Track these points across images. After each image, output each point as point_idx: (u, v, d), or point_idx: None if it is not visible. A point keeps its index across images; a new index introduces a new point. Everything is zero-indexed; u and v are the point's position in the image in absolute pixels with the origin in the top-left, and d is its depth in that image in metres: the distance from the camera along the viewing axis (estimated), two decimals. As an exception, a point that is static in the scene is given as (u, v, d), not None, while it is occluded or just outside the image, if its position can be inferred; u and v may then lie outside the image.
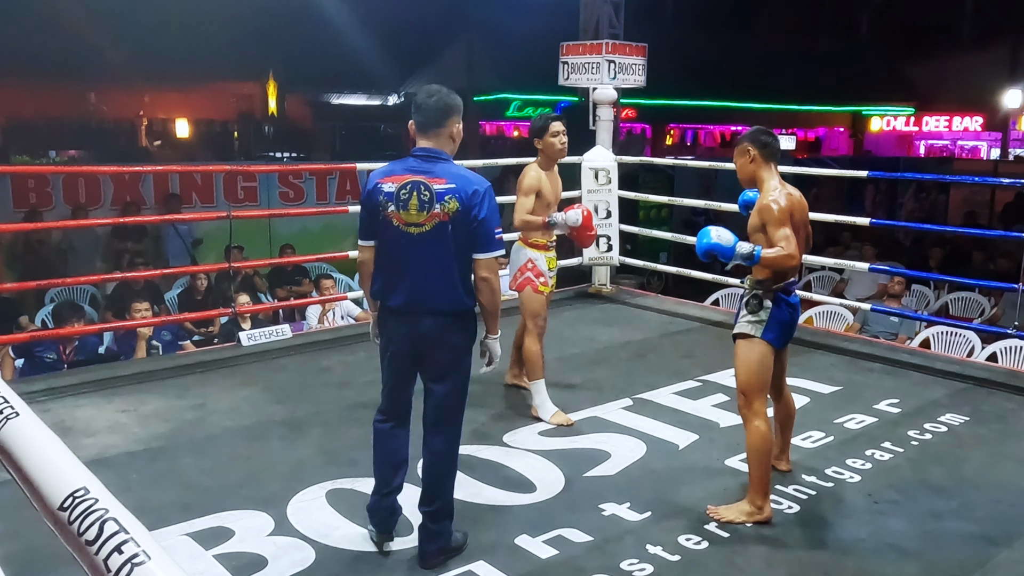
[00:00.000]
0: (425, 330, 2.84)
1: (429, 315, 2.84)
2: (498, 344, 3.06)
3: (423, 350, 2.88)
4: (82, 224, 7.76)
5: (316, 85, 21.14)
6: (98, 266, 8.54)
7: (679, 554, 2.97)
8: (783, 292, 3.26)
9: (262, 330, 5.52)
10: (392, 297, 2.87)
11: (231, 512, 3.22)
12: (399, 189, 2.80)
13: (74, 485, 0.98)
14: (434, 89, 2.90)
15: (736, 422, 4.23)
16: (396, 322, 2.89)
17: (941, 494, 3.46)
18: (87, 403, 4.41)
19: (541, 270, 4.36)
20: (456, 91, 2.96)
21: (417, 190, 2.78)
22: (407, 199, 2.79)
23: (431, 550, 2.91)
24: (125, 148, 18.25)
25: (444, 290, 2.83)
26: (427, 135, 2.88)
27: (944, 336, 6.07)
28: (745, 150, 3.36)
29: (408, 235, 2.80)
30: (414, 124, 2.90)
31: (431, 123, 2.86)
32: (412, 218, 2.79)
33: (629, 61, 6.87)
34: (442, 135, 2.87)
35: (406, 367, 2.94)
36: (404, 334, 2.88)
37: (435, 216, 2.78)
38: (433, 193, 2.78)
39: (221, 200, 9.62)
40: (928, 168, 16.00)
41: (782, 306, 3.27)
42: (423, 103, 2.86)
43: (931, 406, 4.48)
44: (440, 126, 2.86)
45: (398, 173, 2.84)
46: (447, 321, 2.85)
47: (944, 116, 24.42)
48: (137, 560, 0.86)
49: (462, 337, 2.90)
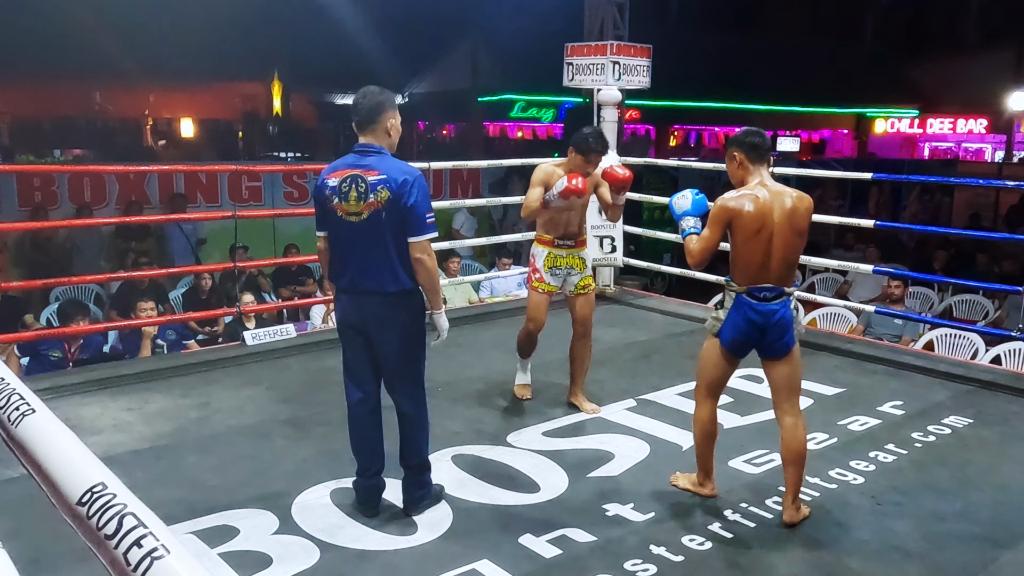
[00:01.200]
0: (370, 309, 3.14)
1: (373, 295, 3.13)
2: (443, 317, 3.29)
3: (371, 326, 3.15)
4: (87, 223, 7.79)
5: (320, 85, 21.18)
6: (102, 265, 8.56)
7: (682, 554, 2.98)
8: (747, 296, 3.12)
9: (266, 329, 5.54)
10: (341, 279, 3.19)
11: (236, 511, 3.23)
12: (340, 183, 3.10)
13: (92, 480, 0.99)
14: (368, 90, 3.17)
15: (739, 423, 4.25)
16: (346, 301, 3.20)
17: (944, 496, 3.47)
18: (92, 401, 4.42)
19: (537, 266, 4.33)
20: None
21: (355, 183, 3.07)
22: (347, 191, 3.08)
23: (414, 498, 3.26)
24: (130, 147, 18.29)
25: (384, 272, 3.09)
26: (364, 132, 3.15)
27: (948, 338, 6.07)
28: (732, 155, 3.26)
29: (350, 223, 3.09)
30: (354, 125, 3.18)
31: (365, 121, 3.13)
32: (352, 208, 3.07)
33: (634, 62, 6.88)
34: (377, 131, 3.14)
35: (359, 342, 3.20)
36: (352, 312, 3.18)
37: (370, 205, 3.05)
38: (368, 184, 3.05)
39: (226, 200, 9.64)
40: (932, 170, 15.99)
41: (743, 310, 3.13)
42: (357, 103, 3.15)
43: (935, 408, 4.48)
44: (374, 122, 3.13)
45: (340, 168, 3.14)
46: (390, 300, 3.12)
47: (948, 118, 24.38)
48: (157, 554, 0.87)
49: (406, 313, 3.16)
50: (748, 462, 3.77)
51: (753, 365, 5.11)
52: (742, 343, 3.21)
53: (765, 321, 3.12)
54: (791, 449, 3.21)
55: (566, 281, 4.36)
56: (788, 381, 3.24)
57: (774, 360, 3.22)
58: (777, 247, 3.10)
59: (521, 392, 4.53)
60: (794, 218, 3.13)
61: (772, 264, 3.10)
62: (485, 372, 5.01)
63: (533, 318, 4.37)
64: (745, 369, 5.04)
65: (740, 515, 3.27)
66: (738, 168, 3.23)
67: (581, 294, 4.37)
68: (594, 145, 4.15)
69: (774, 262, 3.11)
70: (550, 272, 4.32)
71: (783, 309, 3.14)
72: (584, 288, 4.37)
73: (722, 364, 3.28)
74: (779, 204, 3.11)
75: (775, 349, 3.19)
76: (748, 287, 3.13)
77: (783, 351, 3.19)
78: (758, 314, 3.12)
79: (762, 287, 3.12)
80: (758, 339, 3.18)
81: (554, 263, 4.32)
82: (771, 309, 3.12)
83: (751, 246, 3.10)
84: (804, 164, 14.36)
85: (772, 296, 3.13)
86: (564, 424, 4.20)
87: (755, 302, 3.12)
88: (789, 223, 3.11)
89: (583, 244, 4.37)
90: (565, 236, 4.30)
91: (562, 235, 4.30)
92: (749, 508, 3.32)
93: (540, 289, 4.34)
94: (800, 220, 3.15)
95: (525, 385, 4.56)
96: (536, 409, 4.38)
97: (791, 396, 3.25)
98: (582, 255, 4.37)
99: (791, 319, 3.18)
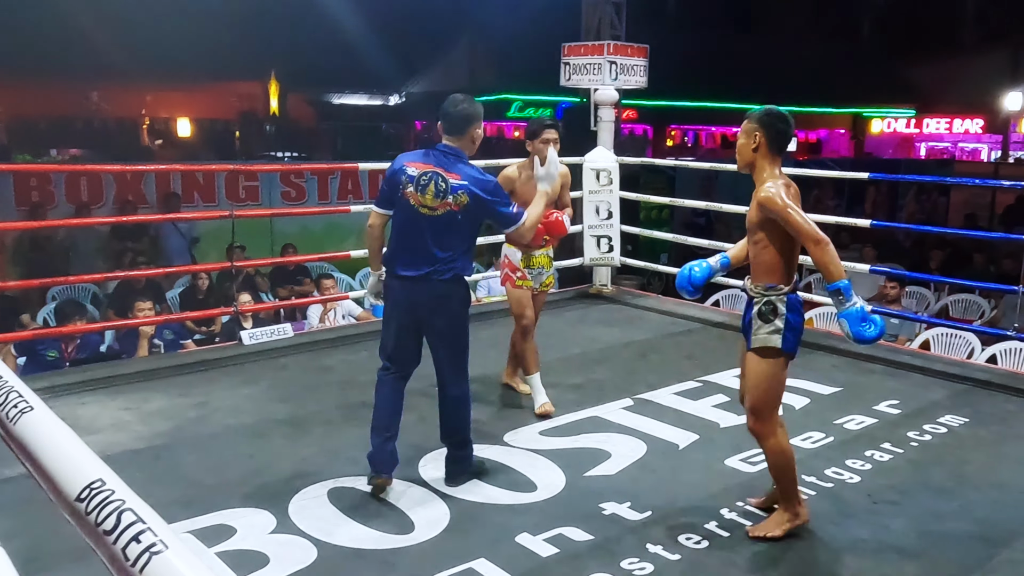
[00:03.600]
0: (425, 297, 3.32)
1: (430, 282, 3.30)
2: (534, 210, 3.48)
3: (423, 314, 3.35)
4: (85, 223, 7.78)
5: (318, 85, 21.19)
6: (99, 265, 8.56)
7: (679, 553, 2.98)
8: (793, 294, 2.99)
9: (264, 329, 5.54)
10: (397, 264, 3.36)
11: (233, 510, 3.23)
12: (421, 175, 3.30)
13: (91, 477, 0.99)
14: (459, 99, 3.40)
15: (737, 422, 4.25)
16: (400, 288, 3.36)
17: (941, 495, 3.48)
18: (90, 401, 4.42)
19: (515, 264, 4.38)
20: (458, 91, 3.24)
21: (435, 180, 3.29)
22: (426, 185, 3.28)
23: (455, 471, 3.49)
24: (127, 147, 18.28)
25: (443, 262, 3.29)
26: (451, 137, 3.37)
27: (944, 338, 6.09)
28: (752, 132, 3.00)
29: (421, 215, 3.29)
30: (441, 126, 3.39)
31: (455, 129, 3.36)
32: (427, 202, 3.28)
33: (631, 62, 6.89)
34: (464, 139, 3.38)
35: (409, 327, 3.39)
36: (406, 298, 3.35)
37: (447, 204, 3.27)
38: (448, 185, 3.28)
39: (223, 199, 9.63)
40: (929, 170, 16.02)
41: (798, 308, 2.99)
42: (449, 111, 3.36)
43: (931, 407, 4.49)
44: (462, 132, 3.37)
45: (422, 161, 3.34)
46: (444, 289, 3.32)
47: (945, 118, 24.46)
48: (155, 549, 0.87)
49: (457, 301, 3.39)
50: (745, 461, 3.77)
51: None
52: (799, 343, 3.06)
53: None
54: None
55: (535, 279, 4.48)
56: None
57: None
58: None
59: (547, 410, 4.29)
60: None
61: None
62: (482, 371, 5.00)
63: (522, 314, 4.39)
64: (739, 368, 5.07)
65: (737, 514, 3.27)
66: (753, 150, 3.00)
67: (543, 291, 4.56)
68: (543, 123, 4.31)
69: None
70: (527, 270, 4.42)
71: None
72: (547, 286, 4.57)
73: (785, 377, 3.08)
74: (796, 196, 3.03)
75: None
76: (794, 283, 3.02)
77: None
78: (802, 309, 3.04)
79: (797, 281, 3.06)
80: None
81: (528, 263, 4.42)
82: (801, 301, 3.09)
83: (796, 241, 2.97)
84: (801, 164, 14.37)
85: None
86: (561, 423, 4.21)
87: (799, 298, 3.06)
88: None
89: (551, 244, 4.48)
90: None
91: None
92: (746, 507, 3.32)
93: (523, 286, 4.40)
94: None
95: (548, 402, 4.33)
96: (533, 408, 4.38)
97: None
98: (549, 254, 4.54)
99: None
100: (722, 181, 9.81)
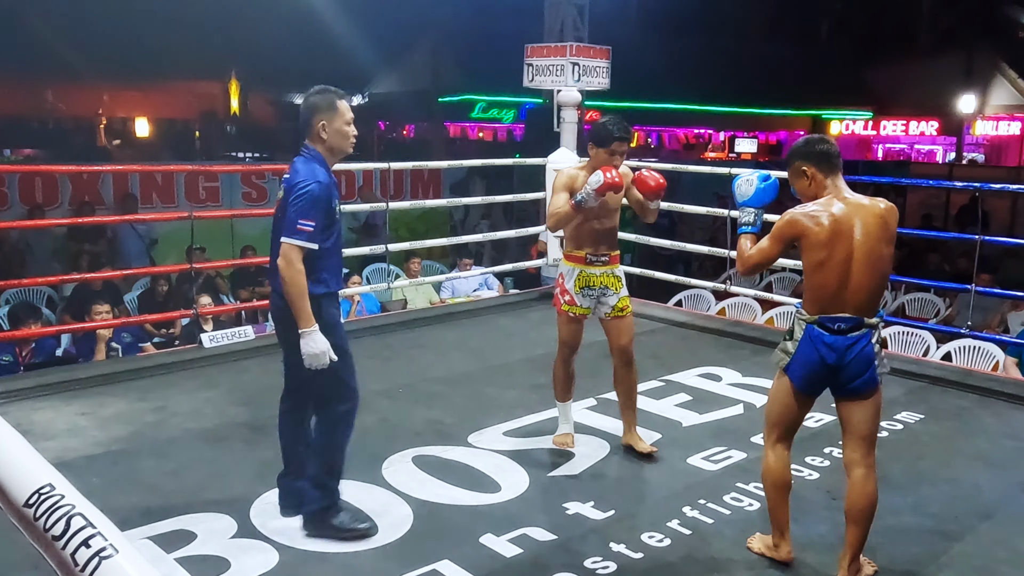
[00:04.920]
0: (272, 306, 3.11)
1: (273, 293, 3.07)
2: (309, 340, 2.86)
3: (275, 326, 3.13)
4: (40, 224, 7.62)
5: (279, 84, 20.98)
6: (55, 267, 8.40)
7: (642, 551, 3.00)
8: (818, 327, 2.72)
9: (224, 331, 5.47)
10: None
11: (193, 515, 3.19)
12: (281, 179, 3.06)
13: (40, 482, 0.98)
14: (309, 91, 3.04)
15: (697, 421, 4.30)
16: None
17: (897, 490, 3.54)
18: (45, 406, 4.33)
19: (566, 287, 3.80)
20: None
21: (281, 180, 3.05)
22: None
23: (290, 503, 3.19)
24: (83, 147, 17.95)
25: (276, 275, 2.95)
26: (303, 135, 3.02)
27: (901, 336, 6.20)
28: (800, 171, 2.81)
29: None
30: None
31: (302, 124, 3.01)
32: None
33: (593, 63, 6.92)
34: (311, 134, 2.99)
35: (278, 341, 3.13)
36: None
37: (277, 203, 3.02)
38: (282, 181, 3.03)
39: (182, 200, 9.51)
40: (886, 171, 16.33)
41: (814, 343, 2.72)
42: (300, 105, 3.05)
43: (888, 404, 4.52)
44: (307, 125, 2.99)
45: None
46: (278, 304, 3.01)
47: (901, 120, 24.94)
48: (105, 554, 0.86)
49: (281, 324, 3.04)
50: (706, 459, 3.81)
51: (713, 364, 5.21)
52: (813, 382, 2.78)
53: (839, 358, 2.70)
54: (857, 506, 2.78)
55: (599, 303, 3.81)
56: (865, 426, 2.80)
57: (850, 400, 2.79)
58: (857, 271, 2.68)
59: (562, 441, 3.91)
60: (881, 236, 2.71)
61: (849, 290, 2.68)
62: (447, 373, 5.00)
63: (567, 342, 3.87)
64: (704, 367, 5.13)
65: (699, 512, 3.30)
66: (811, 185, 2.80)
67: (619, 317, 3.81)
68: (615, 132, 3.64)
69: (852, 288, 2.68)
70: (581, 293, 3.78)
71: (862, 342, 2.70)
72: (622, 311, 3.81)
73: (792, 405, 2.85)
74: (861, 220, 2.70)
75: (852, 389, 2.76)
76: (820, 316, 2.72)
77: (862, 391, 2.76)
78: (830, 349, 2.70)
79: (836, 317, 2.70)
80: (831, 377, 2.76)
81: (587, 283, 3.77)
82: (846, 343, 2.70)
83: (825, 270, 2.69)
84: (762, 165, 14.56)
85: (848, 328, 2.69)
86: (525, 424, 4.21)
87: (827, 334, 2.71)
88: (874, 242, 2.69)
89: (617, 259, 3.85)
90: (599, 251, 3.78)
91: (595, 249, 3.78)
92: (707, 505, 3.36)
93: (572, 313, 3.81)
94: (887, 238, 2.74)
95: (567, 434, 3.95)
96: (497, 409, 4.39)
97: (865, 444, 2.80)
98: (616, 272, 3.83)
99: (873, 355, 2.73)
100: (685, 182, 9.89)
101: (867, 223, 2.70)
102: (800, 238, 2.73)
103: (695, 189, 9.85)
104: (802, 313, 2.78)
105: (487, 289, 7.72)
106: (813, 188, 2.80)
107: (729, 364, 5.20)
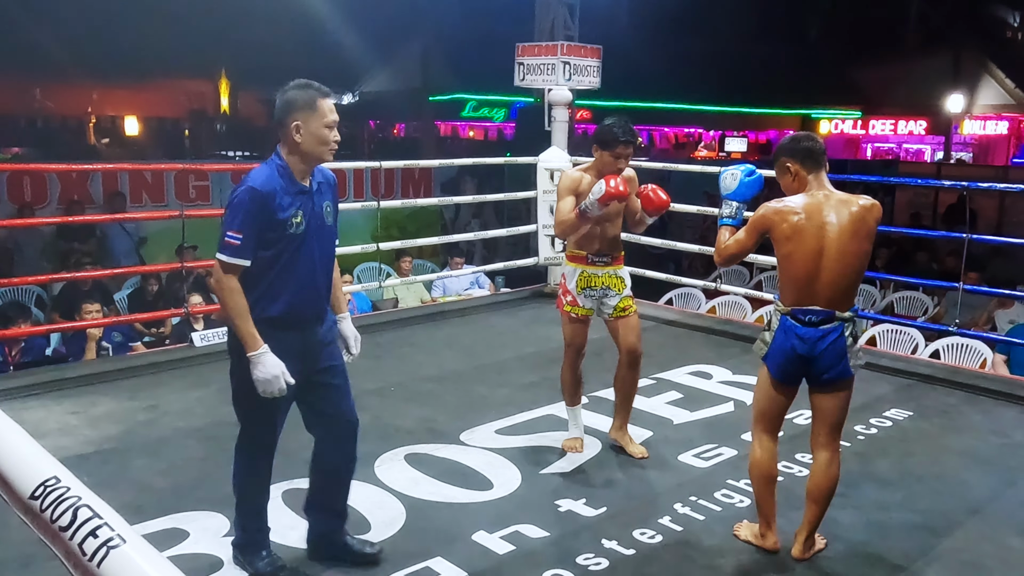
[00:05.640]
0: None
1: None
2: (258, 364, 2.58)
3: None
4: (28, 223, 7.59)
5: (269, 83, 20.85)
6: (44, 266, 8.36)
7: (634, 548, 3.02)
8: (791, 318, 2.80)
9: (215, 330, 5.46)
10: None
11: (185, 513, 3.19)
12: None
13: (45, 474, 0.98)
14: (288, 84, 2.69)
15: (688, 418, 4.32)
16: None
17: (886, 487, 3.57)
18: (36, 405, 4.32)
19: (568, 288, 3.77)
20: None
21: None
22: None
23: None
24: (72, 146, 17.86)
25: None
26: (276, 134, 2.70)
27: (889, 334, 6.24)
28: (784, 167, 2.88)
29: None
30: None
31: (275, 122, 2.67)
32: None
33: (584, 63, 6.94)
34: (284, 134, 2.64)
35: None
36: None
37: None
38: None
39: (172, 199, 9.47)
40: (874, 170, 16.40)
41: (788, 333, 2.80)
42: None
43: (877, 402, 4.60)
44: (280, 124, 2.64)
45: None
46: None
47: (890, 120, 25.08)
48: (112, 543, 0.87)
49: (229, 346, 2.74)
50: (697, 456, 3.83)
51: (703, 362, 5.23)
52: (789, 371, 2.87)
53: (810, 349, 2.78)
54: (819, 485, 2.93)
55: (602, 304, 3.77)
56: (833, 416, 2.92)
57: (821, 392, 2.89)
58: (828, 266, 2.74)
59: (571, 445, 3.87)
60: (856, 232, 2.77)
61: (820, 283, 2.75)
62: (438, 371, 5.01)
63: (572, 344, 3.82)
64: (695, 366, 5.15)
65: (690, 508, 3.32)
66: (794, 181, 2.86)
67: (621, 317, 3.76)
68: (620, 135, 3.60)
69: (823, 282, 2.75)
70: (583, 294, 3.75)
71: (833, 335, 2.77)
72: (624, 311, 3.76)
73: (773, 395, 2.93)
74: (837, 215, 2.76)
75: (825, 381, 2.84)
76: (792, 308, 2.80)
77: (835, 383, 2.85)
78: (801, 340, 2.78)
79: (808, 309, 2.78)
80: (804, 367, 2.84)
81: (588, 283, 3.74)
82: (817, 335, 2.77)
83: (794, 262, 2.77)
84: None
85: (819, 320, 2.77)
86: (517, 422, 4.22)
87: (799, 326, 2.79)
88: (848, 237, 2.75)
89: (621, 260, 3.81)
90: (600, 251, 3.75)
91: (597, 250, 3.74)
92: (699, 502, 3.38)
93: (575, 314, 3.77)
94: (864, 234, 2.79)
95: (576, 438, 3.90)
96: (489, 407, 4.40)
97: (833, 431, 2.94)
98: (619, 273, 3.78)
99: (844, 347, 2.80)
100: (675, 181, 9.91)
101: (842, 218, 2.76)
102: (769, 230, 2.83)
103: (685, 188, 9.86)
104: (779, 304, 2.88)
105: (478, 288, 7.72)
106: (796, 184, 2.87)
107: (719, 362, 5.23)
